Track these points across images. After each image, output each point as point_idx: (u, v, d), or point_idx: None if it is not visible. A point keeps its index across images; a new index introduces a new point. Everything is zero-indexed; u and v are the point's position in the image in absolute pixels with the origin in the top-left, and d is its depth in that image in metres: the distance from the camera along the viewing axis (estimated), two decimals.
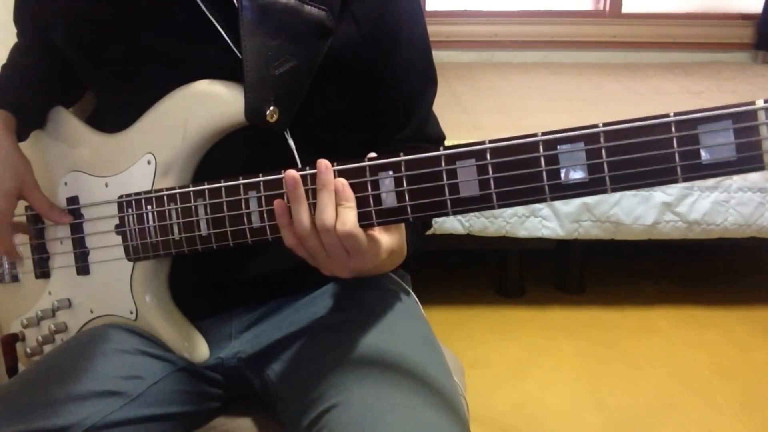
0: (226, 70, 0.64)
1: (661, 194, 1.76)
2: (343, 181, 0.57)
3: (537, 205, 1.78)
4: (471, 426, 0.71)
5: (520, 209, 1.78)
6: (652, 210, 1.76)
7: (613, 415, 1.53)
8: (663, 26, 3.00)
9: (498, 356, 1.77)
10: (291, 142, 0.66)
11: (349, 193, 0.57)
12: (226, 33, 0.64)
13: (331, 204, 0.56)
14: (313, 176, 0.58)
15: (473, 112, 2.09)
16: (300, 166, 0.60)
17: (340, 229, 0.56)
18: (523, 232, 1.81)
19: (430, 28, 0.76)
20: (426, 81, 0.77)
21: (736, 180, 1.76)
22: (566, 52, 3.02)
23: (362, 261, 0.59)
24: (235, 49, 0.63)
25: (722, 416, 1.52)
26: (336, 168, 0.58)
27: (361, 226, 0.57)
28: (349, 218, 0.56)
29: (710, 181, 1.75)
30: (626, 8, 3.03)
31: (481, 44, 3.02)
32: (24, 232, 0.79)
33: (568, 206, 1.77)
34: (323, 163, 0.57)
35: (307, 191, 0.58)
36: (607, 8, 3.03)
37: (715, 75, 2.58)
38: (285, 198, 0.59)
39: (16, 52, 0.82)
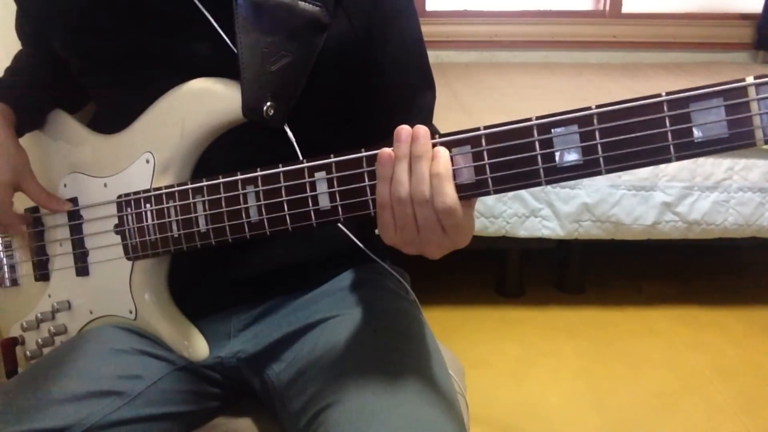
0: (222, 67, 0.65)
1: (661, 194, 1.76)
2: (444, 150, 0.53)
3: (537, 205, 1.78)
4: (471, 426, 0.71)
5: (520, 209, 1.78)
6: (652, 210, 1.76)
7: (613, 415, 1.52)
8: (663, 26, 2.99)
9: (498, 356, 1.77)
10: (291, 136, 0.66)
11: (449, 164, 0.53)
12: (221, 30, 0.64)
13: (428, 174, 0.52)
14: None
15: (473, 112, 2.09)
16: (301, 159, 0.60)
17: (440, 205, 0.52)
18: (523, 232, 1.81)
19: (430, 28, 0.76)
20: (423, 79, 0.77)
21: (736, 180, 1.76)
22: (566, 52, 3.01)
23: (458, 238, 0.55)
24: (232, 46, 0.63)
25: (722, 416, 1.51)
26: (335, 159, 0.58)
27: (358, 216, 0.57)
28: (448, 191, 0.52)
29: (710, 181, 1.75)
30: (626, 8, 3.02)
31: (481, 44, 3.02)
32: (24, 222, 0.79)
33: (568, 206, 1.77)
34: (422, 129, 0.53)
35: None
36: (607, 8, 3.02)
37: (715, 75, 2.57)
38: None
39: (19, 57, 0.83)
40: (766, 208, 1.77)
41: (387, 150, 0.54)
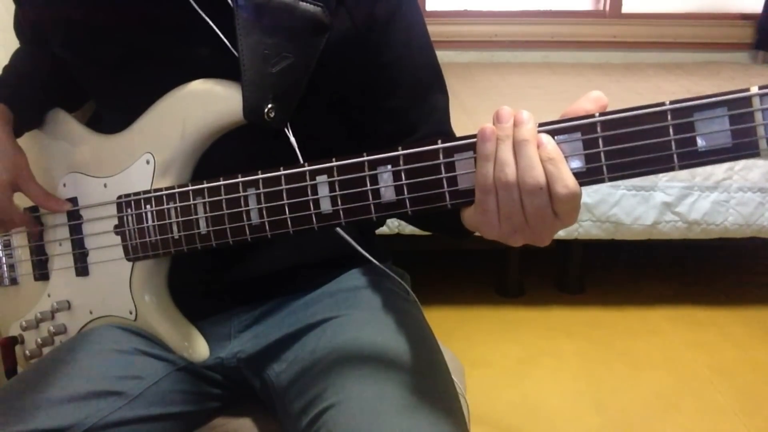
0: (222, 69, 0.64)
1: (661, 194, 1.76)
2: (547, 136, 0.49)
3: None
4: (471, 426, 0.71)
5: None
6: (652, 210, 1.76)
7: (613, 415, 1.52)
8: (663, 26, 3.00)
9: (498, 356, 1.77)
10: (292, 138, 0.66)
11: (558, 149, 0.49)
12: (221, 32, 0.64)
13: (538, 159, 0.48)
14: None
15: (473, 112, 2.09)
16: (302, 161, 0.60)
17: (562, 190, 0.48)
18: None
19: (431, 28, 0.75)
20: (434, 78, 0.75)
21: (736, 180, 1.76)
22: (566, 52, 3.01)
23: (570, 220, 0.51)
24: (232, 49, 0.63)
25: (722, 416, 1.51)
26: (337, 163, 0.57)
27: (360, 220, 0.56)
28: (570, 177, 0.48)
29: (710, 181, 1.75)
30: (626, 8, 3.02)
31: (481, 44, 3.02)
32: (27, 223, 0.78)
33: None
34: (525, 113, 0.50)
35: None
36: (607, 8, 3.02)
37: (715, 75, 2.57)
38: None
39: (17, 55, 0.83)
40: (766, 208, 1.77)
41: (489, 125, 0.50)
